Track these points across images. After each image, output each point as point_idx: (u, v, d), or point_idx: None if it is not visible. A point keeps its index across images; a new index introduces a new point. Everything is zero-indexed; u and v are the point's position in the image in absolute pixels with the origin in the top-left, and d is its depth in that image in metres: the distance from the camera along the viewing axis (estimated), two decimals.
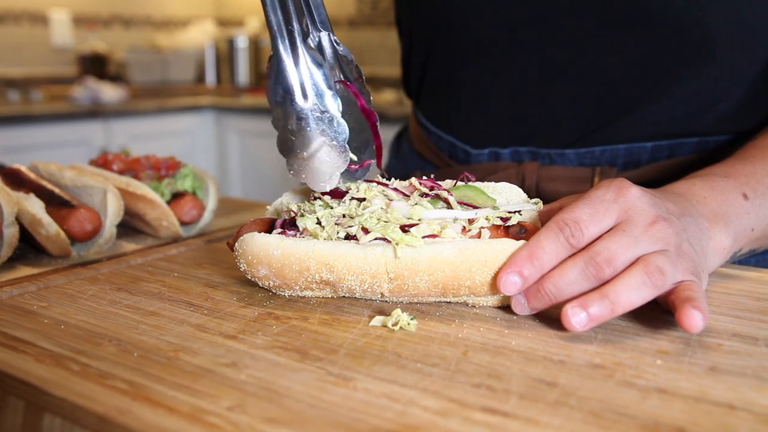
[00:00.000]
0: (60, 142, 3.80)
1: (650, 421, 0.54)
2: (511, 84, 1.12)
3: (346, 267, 0.75)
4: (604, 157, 1.10)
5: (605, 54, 1.03)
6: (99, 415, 0.55)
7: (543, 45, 1.06)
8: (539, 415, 0.55)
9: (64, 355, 0.66)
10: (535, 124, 1.12)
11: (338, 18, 5.09)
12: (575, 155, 1.11)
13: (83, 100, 4.18)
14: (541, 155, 1.13)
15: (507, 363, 0.64)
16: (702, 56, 0.99)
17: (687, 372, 0.62)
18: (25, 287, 0.85)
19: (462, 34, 1.12)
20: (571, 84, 1.07)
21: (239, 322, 0.74)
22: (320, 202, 0.79)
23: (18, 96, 4.27)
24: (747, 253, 0.88)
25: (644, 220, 0.72)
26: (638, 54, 1.01)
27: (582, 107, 1.08)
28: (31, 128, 3.70)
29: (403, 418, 0.54)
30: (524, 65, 1.09)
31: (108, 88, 4.28)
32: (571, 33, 1.03)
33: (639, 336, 0.70)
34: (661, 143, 1.07)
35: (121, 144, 4.03)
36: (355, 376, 0.61)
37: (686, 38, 0.97)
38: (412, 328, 0.72)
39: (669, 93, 1.03)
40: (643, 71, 1.02)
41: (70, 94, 4.27)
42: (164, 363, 0.64)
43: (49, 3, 4.75)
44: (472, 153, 1.19)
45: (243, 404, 0.57)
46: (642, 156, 1.09)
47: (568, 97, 1.08)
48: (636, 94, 1.05)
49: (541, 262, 0.71)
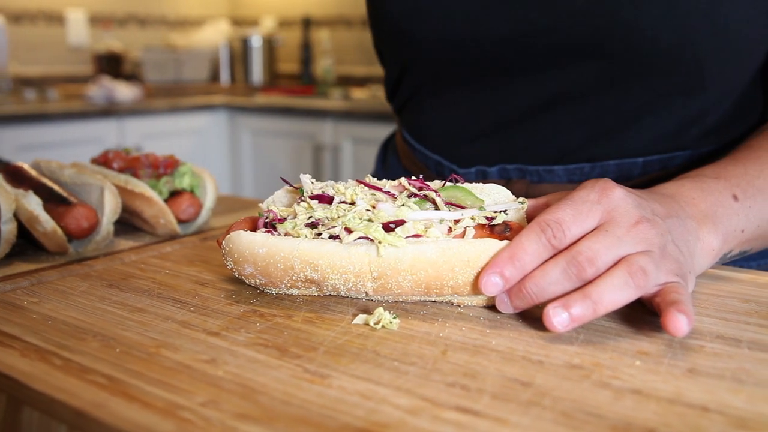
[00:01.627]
0: (74, 141, 3.84)
1: (621, 422, 0.54)
2: (497, 107, 1.10)
3: (330, 266, 0.75)
4: (594, 173, 1.08)
5: (592, 87, 1.02)
6: (75, 409, 0.56)
7: (528, 76, 1.04)
8: (509, 415, 0.55)
9: (48, 350, 0.67)
10: (521, 142, 1.11)
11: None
12: (564, 171, 1.09)
13: (98, 99, 4.22)
14: (529, 172, 1.12)
15: (484, 362, 0.64)
16: (690, 86, 0.98)
17: (665, 374, 0.62)
18: (18, 283, 0.86)
19: (443, 55, 1.08)
20: (558, 109, 1.06)
21: (224, 319, 0.75)
22: (305, 205, 0.80)
23: (34, 95, 4.32)
24: (737, 255, 0.88)
25: (627, 220, 0.72)
26: (626, 88, 1.00)
27: (569, 127, 1.07)
28: (47, 126, 3.75)
29: (373, 415, 0.55)
30: (508, 87, 1.07)
31: (122, 87, 4.32)
32: (557, 68, 1.01)
33: (621, 337, 0.70)
34: (653, 158, 1.06)
35: (134, 143, 4.07)
36: (332, 373, 0.62)
37: (674, 71, 0.97)
38: (394, 326, 0.72)
39: (656, 112, 1.02)
40: (631, 97, 1.01)
41: (85, 93, 4.32)
42: (145, 359, 0.65)
43: (66, 3, 4.80)
44: (459, 172, 1.17)
45: (217, 400, 0.57)
46: (633, 171, 1.07)
47: (553, 118, 1.07)
48: (624, 116, 1.04)
49: (522, 263, 0.71)
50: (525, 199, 0.82)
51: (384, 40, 1.20)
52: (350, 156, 4.17)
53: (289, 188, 0.89)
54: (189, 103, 4.46)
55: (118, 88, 4.27)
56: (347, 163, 4.17)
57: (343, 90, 4.71)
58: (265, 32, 5.34)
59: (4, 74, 4.33)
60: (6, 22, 4.42)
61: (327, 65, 5.10)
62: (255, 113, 4.57)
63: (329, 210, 0.78)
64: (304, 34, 5.23)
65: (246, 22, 5.74)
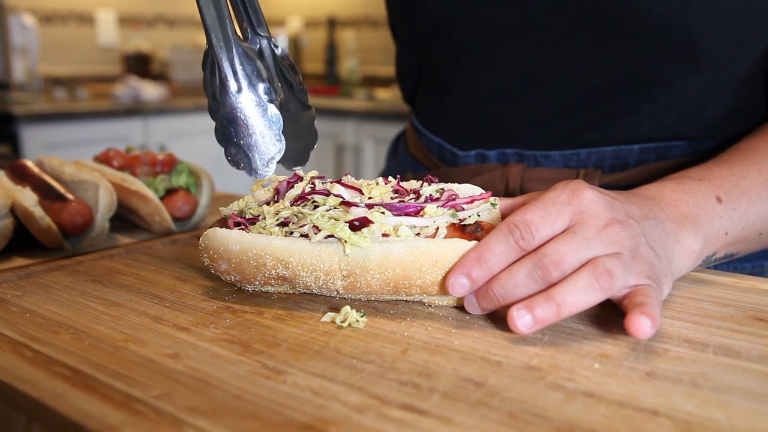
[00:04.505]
0: (101, 139, 3.92)
1: (566, 424, 0.54)
2: (495, 87, 1.12)
3: (300, 263, 0.76)
4: (590, 160, 1.08)
5: (587, 58, 1.02)
6: (34, 399, 0.58)
7: (524, 50, 1.06)
8: (455, 414, 0.55)
9: (20, 342, 0.69)
10: (519, 126, 1.12)
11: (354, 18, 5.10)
12: (561, 157, 1.10)
13: (125, 98, 4.30)
14: (526, 157, 1.13)
15: (442, 362, 0.64)
16: (684, 60, 0.97)
17: (622, 377, 0.61)
18: (7, 277, 0.89)
19: (446, 39, 1.12)
20: (553, 88, 1.06)
21: (196, 315, 0.76)
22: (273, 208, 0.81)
23: (64, 94, 4.42)
24: (723, 258, 0.86)
25: (597, 222, 0.71)
26: (620, 59, 1.00)
27: (565, 110, 1.07)
28: (75, 125, 3.83)
29: (320, 412, 0.55)
30: (506, 69, 1.09)
31: (149, 86, 4.40)
32: (552, 38, 1.02)
33: (586, 339, 0.69)
34: (649, 146, 1.05)
35: (159, 142, 4.14)
36: (289, 369, 0.63)
37: (667, 43, 0.96)
38: (360, 325, 0.73)
39: (653, 98, 1.01)
40: (626, 76, 1.01)
41: (113, 92, 4.40)
42: (111, 352, 0.66)
43: (96, 3, 4.90)
44: (459, 155, 1.19)
45: (171, 393, 0.58)
46: (629, 159, 1.07)
47: (550, 101, 1.08)
48: (619, 99, 1.03)
49: (489, 264, 0.70)
50: (497, 199, 0.82)
51: (391, 11, 1.26)
52: (372, 156, 4.18)
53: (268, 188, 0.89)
54: None
55: (145, 88, 4.35)
56: (368, 162, 4.18)
57: (367, 90, 4.72)
58: (291, 32, 5.38)
59: (35, 74, 4.43)
60: (37, 22, 4.52)
61: (352, 65, 5.12)
62: None
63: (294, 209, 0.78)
64: (329, 35, 5.26)
65: (272, 23, 5.79)
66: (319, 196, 0.79)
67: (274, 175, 0.87)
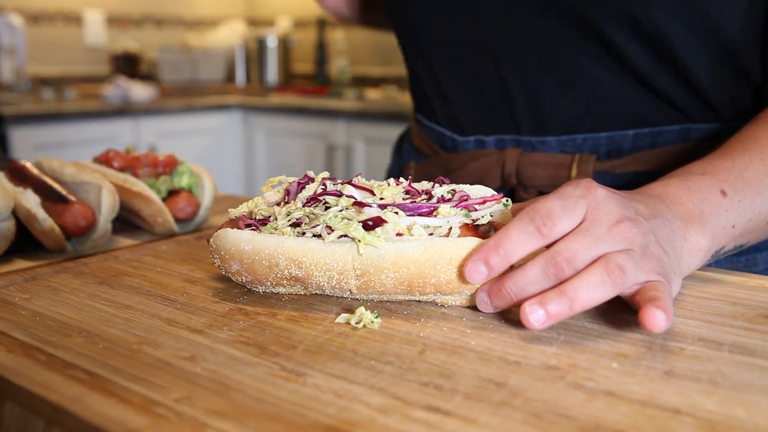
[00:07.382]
0: (90, 140, 3.89)
1: (590, 423, 0.54)
2: (490, 78, 1.16)
3: (314, 263, 0.76)
4: (585, 145, 1.12)
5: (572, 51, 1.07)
6: (52, 403, 0.57)
7: (513, 43, 1.11)
8: (479, 415, 0.55)
9: (33, 345, 0.68)
10: (514, 113, 1.16)
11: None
12: (557, 143, 1.14)
13: (113, 98, 4.27)
14: (523, 143, 1.17)
15: (461, 362, 0.64)
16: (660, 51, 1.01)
17: (641, 376, 0.61)
18: (13, 280, 0.88)
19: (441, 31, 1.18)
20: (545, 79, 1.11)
21: (209, 317, 0.75)
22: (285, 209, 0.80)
23: (52, 94, 4.37)
24: (732, 250, 0.87)
25: (609, 219, 0.72)
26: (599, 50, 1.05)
27: (559, 99, 1.11)
28: (64, 126, 3.80)
29: (343, 413, 0.55)
30: (499, 62, 1.13)
31: (138, 86, 4.36)
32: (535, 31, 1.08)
33: (601, 338, 0.69)
34: (643, 131, 1.09)
35: (149, 142, 4.11)
36: (308, 371, 0.62)
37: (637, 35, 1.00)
38: (375, 326, 0.72)
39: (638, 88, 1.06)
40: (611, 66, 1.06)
41: (101, 92, 4.36)
42: (126, 355, 0.66)
43: (84, 3, 4.86)
44: (459, 141, 1.24)
45: (192, 396, 0.58)
46: (624, 144, 1.11)
47: (542, 90, 1.12)
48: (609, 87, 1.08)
49: (507, 251, 0.70)
50: (509, 199, 0.82)
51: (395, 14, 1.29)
52: (363, 156, 4.17)
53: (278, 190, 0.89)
54: (204, 102, 4.50)
55: (134, 88, 4.32)
56: (360, 163, 4.18)
57: (357, 90, 4.72)
58: (281, 32, 5.36)
59: (23, 74, 4.39)
60: (25, 22, 4.48)
61: (342, 65, 5.11)
62: (269, 113, 4.59)
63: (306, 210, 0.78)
64: (319, 35, 5.25)
65: (262, 23, 5.77)
66: (330, 197, 0.79)
67: (284, 177, 0.87)
